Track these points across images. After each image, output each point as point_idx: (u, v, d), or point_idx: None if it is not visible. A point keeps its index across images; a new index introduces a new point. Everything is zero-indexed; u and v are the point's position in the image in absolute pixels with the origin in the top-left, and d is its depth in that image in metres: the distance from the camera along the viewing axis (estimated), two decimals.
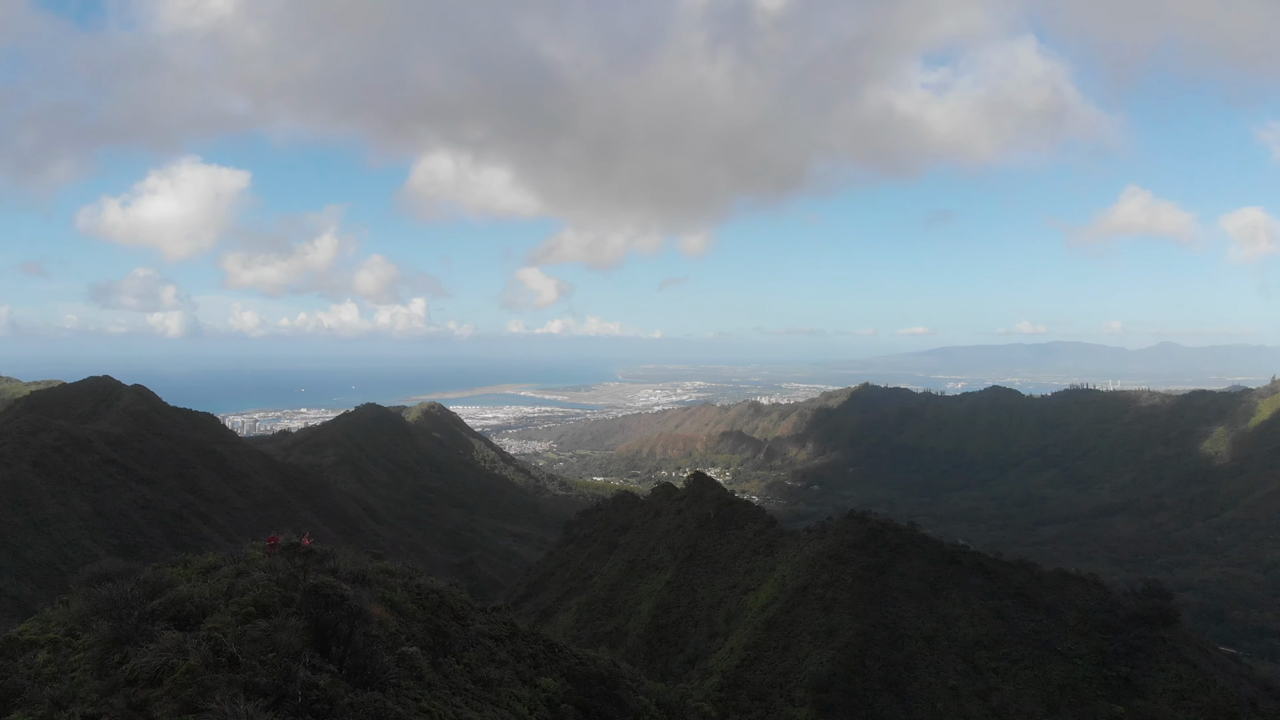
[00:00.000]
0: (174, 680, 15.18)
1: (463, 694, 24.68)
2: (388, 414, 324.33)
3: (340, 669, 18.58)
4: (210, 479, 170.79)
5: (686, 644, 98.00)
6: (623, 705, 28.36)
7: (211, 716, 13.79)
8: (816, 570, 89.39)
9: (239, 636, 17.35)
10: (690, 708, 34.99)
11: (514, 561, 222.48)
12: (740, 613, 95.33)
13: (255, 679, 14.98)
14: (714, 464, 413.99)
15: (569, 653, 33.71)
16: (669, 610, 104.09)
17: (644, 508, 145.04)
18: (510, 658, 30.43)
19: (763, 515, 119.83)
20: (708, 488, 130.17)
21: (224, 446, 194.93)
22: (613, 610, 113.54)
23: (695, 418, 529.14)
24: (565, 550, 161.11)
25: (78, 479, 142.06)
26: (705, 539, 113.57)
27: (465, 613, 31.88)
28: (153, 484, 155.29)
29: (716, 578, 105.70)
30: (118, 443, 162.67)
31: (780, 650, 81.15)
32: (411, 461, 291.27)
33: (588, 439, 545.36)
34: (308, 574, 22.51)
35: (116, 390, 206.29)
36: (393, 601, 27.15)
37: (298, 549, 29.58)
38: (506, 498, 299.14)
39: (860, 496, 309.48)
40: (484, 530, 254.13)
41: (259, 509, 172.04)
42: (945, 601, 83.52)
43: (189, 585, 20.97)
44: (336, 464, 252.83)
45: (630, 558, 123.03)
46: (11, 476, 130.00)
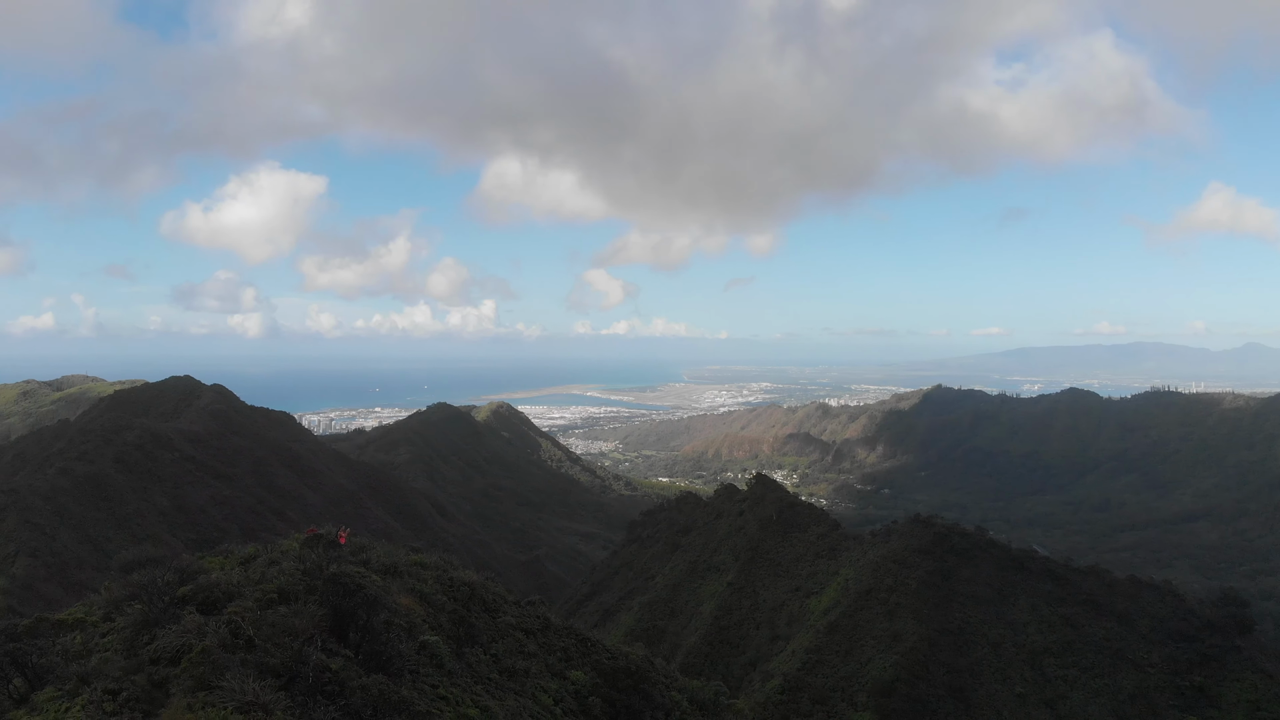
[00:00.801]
0: (190, 659, 16.51)
1: (485, 683, 25.82)
2: (458, 413, 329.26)
3: (356, 654, 19.69)
4: (286, 476, 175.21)
5: (748, 646, 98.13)
6: (649, 699, 28.87)
7: (222, 693, 14.98)
8: (880, 574, 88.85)
9: (257, 620, 18.72)
10: (724, 705, 35.32)
11: (580, 560, 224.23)
12: (802, 616, 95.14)
13: (268, 660, 16.23)
14: (781, 466, 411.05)
15: (601, 648, 34.38)
16: (730, 612, 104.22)
17: (706, 509, 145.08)
18: (540, 650, 31.31)
19: (826, 518, 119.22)
20: (770, 490, 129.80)
21: (299, 444, 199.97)
22: (674, 611, 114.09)
23: (762, 419, 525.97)
24: (629, 550, 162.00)
25: (158, 475, 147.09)
26: (767, 541, 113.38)
27: (497, 605, 32.90)
28: (230, 480, 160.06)
29: (779, 580, 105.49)
30: (197, 440, 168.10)
31: (842, 654, 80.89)
32: (481, 460, 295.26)
33: (653, 439, 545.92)
34: (330, 564, 23.69)
35: (197, 390, 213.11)
36: (422, 592, 28.25)
37: (321, 539, 30.78)
38: (573, 497, 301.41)
39: (932, 501, 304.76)
40: (551, 529, 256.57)
41: (333, 505, 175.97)
42: (1013, 607, 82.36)
43: (220, 572, 22.49)
44: (409, 462, 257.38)
45: (692, 559, 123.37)
46: (95, 473, 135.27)
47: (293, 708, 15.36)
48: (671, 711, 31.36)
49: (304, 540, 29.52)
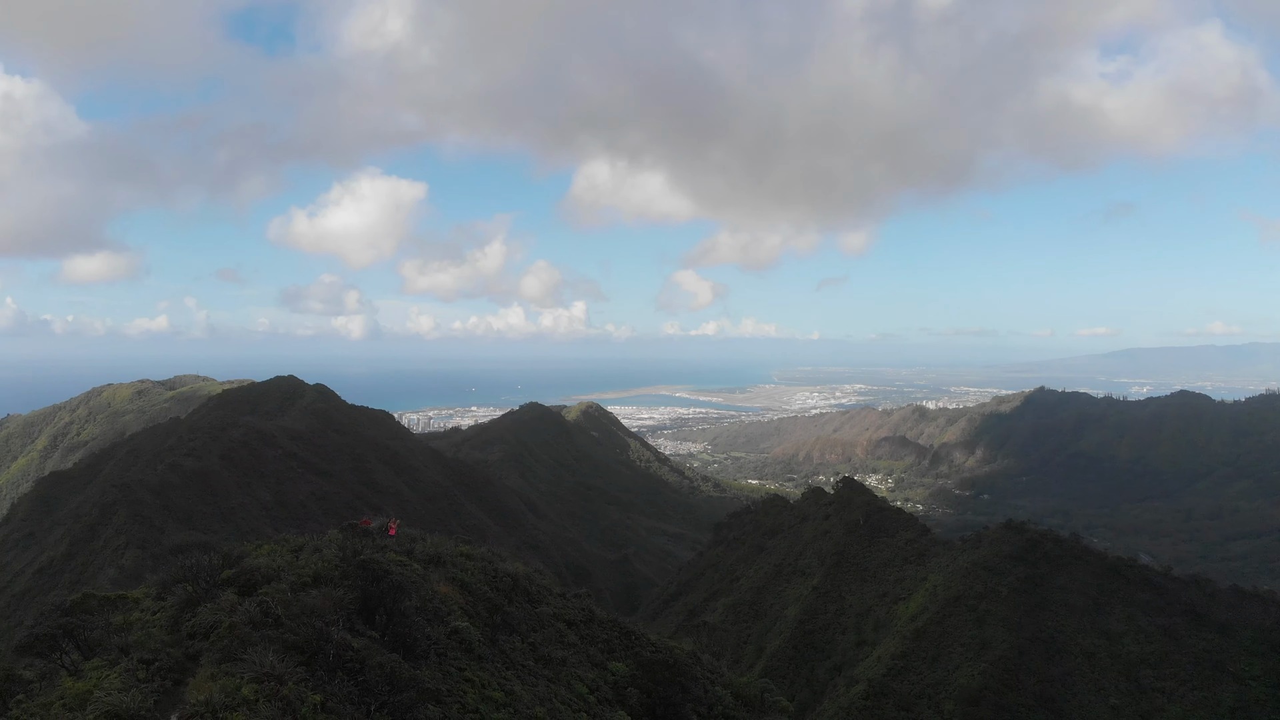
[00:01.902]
0: (218, 634, 17.67)
1: (517, 669, 26.11)
2: (549, 413, 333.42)
3: (382, 636, 20.65)
4: (383, 473, 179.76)
5: (833, 651, 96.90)
6: (687, 692, 28.80)
7: (242, 665, 16.01)
8: (970, 581, 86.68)
9: (287, 602, 19.80)
10: (769, 702, 34.93)
11: (668, 560, 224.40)
12: (889, 622, 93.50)
13: (292, 637, 17.18)
14: (875, 470, 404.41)
15: (645, 641, 34.40)
16: (815, 616, 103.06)
17: (792, 512, 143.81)
18: (581, 641, 31.58)
19: (914, 523, 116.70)
20: (857, 493, 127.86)
21: (397, 442, 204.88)
22: (759, 613, 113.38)
23: (855, 422, 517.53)
24: (715, 551, 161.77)
25: (261, 471, 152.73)
26: (854, 546, 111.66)
27: (540, 596, 33.38)
28: (329, 476, 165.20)
29: (865, 585, 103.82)
30: (299, 438, 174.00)
31: (929, 661, 79.23)
32: (571, 459, 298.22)
33: (742, 441, 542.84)
34: (362, 551, 24.68)
35: (300, 389, 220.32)
36: (463, 581, 28.91)
37: (355, 528, 31.71)
38: (661, 497, 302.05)
39: (1033, 507, 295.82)
40: (639, 528, 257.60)
41: (428, 502, 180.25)
42: (1108, 617, 79.40)
43: (265, 558, 23.69)
44: (502, 460, 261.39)
45: (777, 562, 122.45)
46: (202, 468, 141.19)
47: (309, 680, 16.23)
48: (714, 706, 31.30)
49: (344, 529, 30.58)
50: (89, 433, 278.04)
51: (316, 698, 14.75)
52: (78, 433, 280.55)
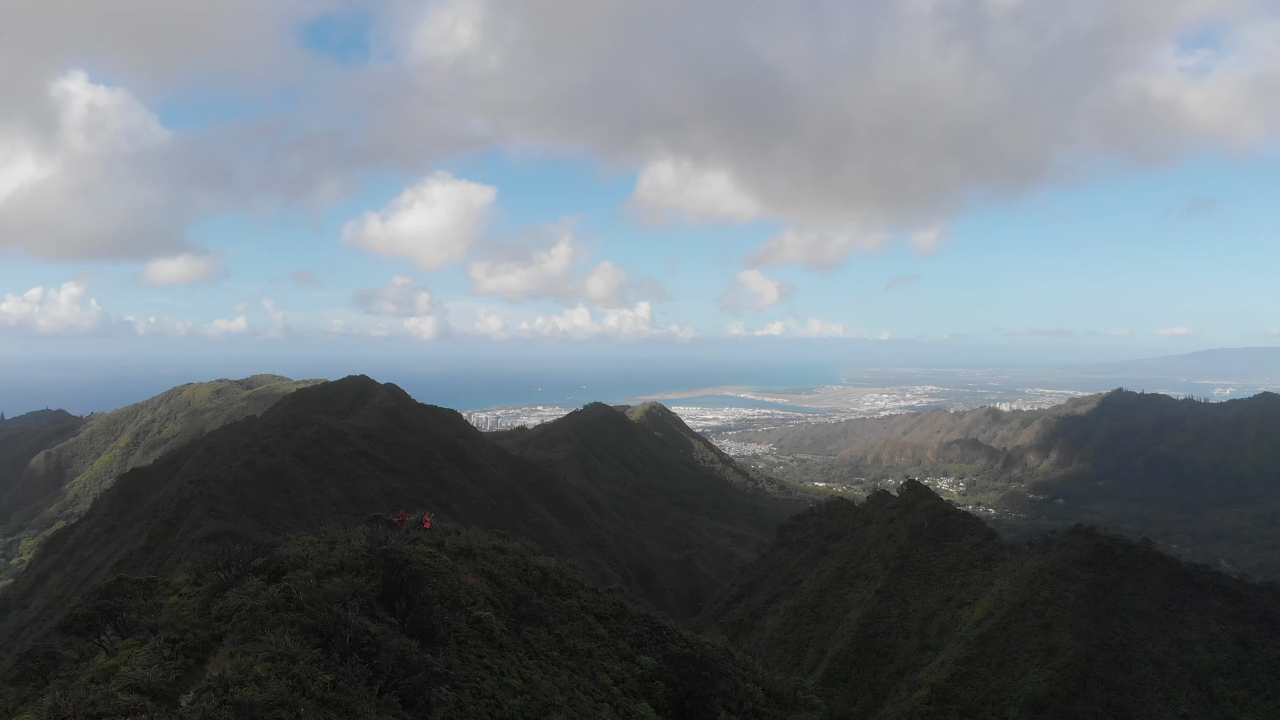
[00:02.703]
0: (239, 616, 18.49)
1: (541, 659, 26.40)
2: (613, 413, 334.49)
3: (401, 622, 21.33)
4: (451, 470, 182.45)
5: (896, 655, 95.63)
6: (713, 686, 28.68)
7: (260, 645, 16.71)
8: (1037, 586, 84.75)
9: (309, 588, 20.54)
10: (800, 699, 34.54)
11: (732, 561, 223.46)
12: (953, 627, 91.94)
13: (311, 621, 17.83)
14: (946, 473, 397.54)
15: (676, 635, 34.36)
16: (878, 620, 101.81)
17: (856, 515, 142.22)
18: (610, 634, 31.70)
19: (981, 527, 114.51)
20: (921, 497, 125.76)
21: (464, 440, 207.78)
22: (820, 617, 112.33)
23: (925, 424, 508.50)
24: (778, 554, 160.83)
25: (333, 468, 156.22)
26: (918, 549, 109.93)
27: (571, 590, 33.69)
28: (399, 474, 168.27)
29: (929, 589, 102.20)
30: (370, 436, 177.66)
31: (994, 667, 77.71)
32: (634, 459, 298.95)
33: (808, 443, 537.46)
34: (384, 541, 25.39)
35: (372, 388, 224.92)
36: (492, 574, 29.32)
37: (383, 520, 32.39)
38: (725, 499, 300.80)
39: (1110, 512, 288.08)
40: (703, 529, 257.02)
41: (494, 499, 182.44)
42: (1180, 624, 76.94)
43: (296, 547, 24.53)
44: (566, 459, 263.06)
45: (840, 565, 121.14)
46: (275, 465, 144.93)
47: (323, 660, 16.82)
48: (744, 701, 31.16)
49: (370, 520, 31.35)
50: (169, 430, 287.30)
51: (328, 677, 15.29)
52: (159, 430, 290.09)
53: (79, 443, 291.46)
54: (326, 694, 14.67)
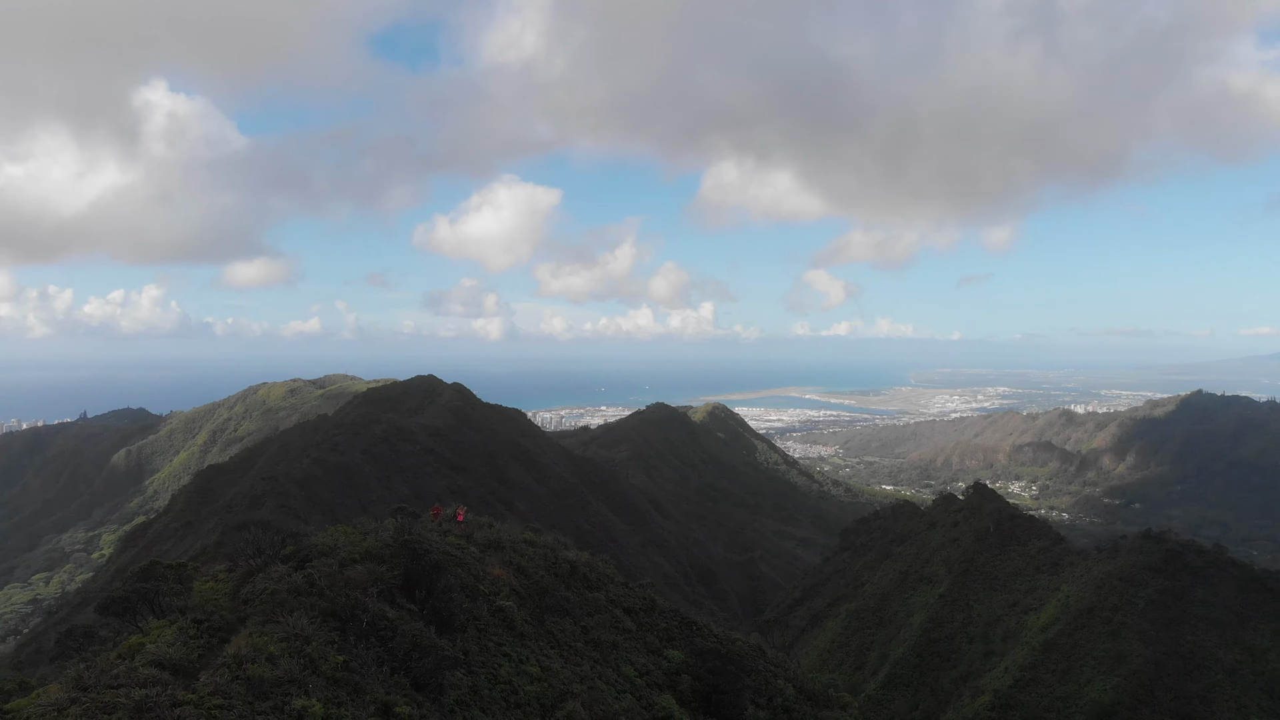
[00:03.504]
0: (261, 599, 19.31)
1: (563, 649, 26.73)
2: (675, 413, 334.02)
3: (421, 609, 22.04)
4: (515, 469, 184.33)
5: (959, 660, 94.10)
6: (739, 681, 28.56)
7: (277, 626, 17.53)
8: (1104, 592, 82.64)
9: (332, 575, 21.44)
10: (832, 697, 34.16)
11: (796, 564, 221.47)
12: (1018, 632, 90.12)
13: (330, 605, 18.39)
14: (1018, 477, 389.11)
15: (707, 631, 34.31)
16: (941, 625, 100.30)
17: (921, 518, 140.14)
18: (638, 628, 31.78)
19: (1048, 531, 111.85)
20: (987, 500, 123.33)
21: (528, 439, 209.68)
22: (882, 620, 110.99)
23: (997, 426, 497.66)
24: (841, 557, 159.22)
25: (400, 466, 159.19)
26: (983, 554, 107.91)
27: (600, 584, 33.91)
28: (464, 472, 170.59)
29: (994, 594, 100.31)
30: (436, 434, 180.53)
31: (1059, 674, 76.05)
32: (697, 460, 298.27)
33: (876, 445, 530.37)
34: (406, 532, 26.04)
35: (439, 388, 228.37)
36: (519, 566, 29.71)
37: (412, 514, 33.07)
38: (790, 501, 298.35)
39: (1188, 517, 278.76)
40: (766, 531, 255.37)
41: (556, 498, 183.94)
42: (1253, 632, 74.24)
43: (328, 538, 25.31)
44: (628, 459, 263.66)
45: (903, 568, 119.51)
46: (344, 463, 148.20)
47: (338, 642, 17.64)
48: (774, 698, 31.00)
49: (395, 512, 32.13)
50: (245, 428, 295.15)
51: (339, 658, 15.99)
52: (235, 428, 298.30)
53: (158, 440, 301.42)
54: (337, 673, 15.36)
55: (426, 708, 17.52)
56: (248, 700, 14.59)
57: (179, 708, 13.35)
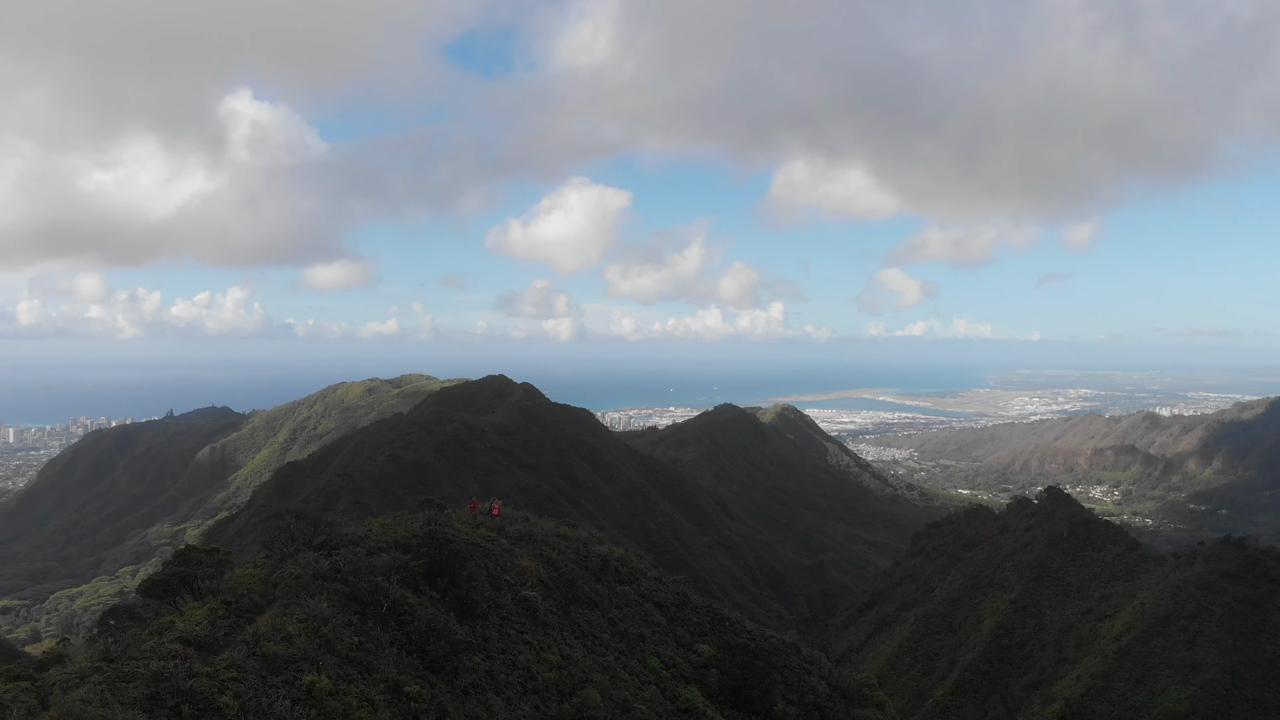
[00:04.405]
0: (287, 583, 20.23)
1: (588, 639, 27.20)
2: (743, 414, 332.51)
3: (443, 597, 22.81)
4: (582, 468, 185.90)
5: (1030, 667, 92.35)
6: (766, 676, 28.47)
7: (298, 608, 18.40)
8: (1181, 599, 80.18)
9: (357, 561, 22.32)
10: (867, 696, 33.75)
11: (868, 569, 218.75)
12: (1092, 640, 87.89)
13: (352, 590, 19.15)
14: (1100, 481, 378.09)
15: (741, 627, 34.23)
16: (1012, 631, 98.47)
17: (994, 523, 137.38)
18: (668, 622, 31.92)
19: (1124, 537, 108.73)
20: (1061, 504, 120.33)
21: (595, 439, 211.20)
22: (952, 626, 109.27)
23: (1078, 429, 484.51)
24: (912, 561, 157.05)
25: (470, 463, 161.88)
26: (1056, 559, 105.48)
27: (632, 578, 34.08)
28: (532, 470, 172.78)
29: (1067, 601, 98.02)
30: (506, 433, 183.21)
31: (1133, 682, 74.11)
32: (766, 461, 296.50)
33: (952, 449, 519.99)
34: (430, 523, 26.79)
35: (509, 387, 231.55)
36: (549, 558, 30.17)
37: (440, 506, 33.87)
38: (861, 504, 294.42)
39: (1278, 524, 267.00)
40: (837, 535, 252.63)
41: (623, 497, 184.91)
42: None
43: (355, 527, 26.22)
44: (696, 460, 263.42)
45: (973, 573, 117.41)
46: (417, 460, 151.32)
47: (356, 625, 18.52)
48: (806, 694, 30.85)
49: (422, 504, 33.01)
50: (324, 426, 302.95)
51: (355, 639, 16.68)
52: (315, 426, 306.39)
53: (241, 438, 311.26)
54: (352, 653, 16.10)
55: (439, 689, 18.19)
56: (261, 674, 15.40)
57: (194, 679, 14.34)
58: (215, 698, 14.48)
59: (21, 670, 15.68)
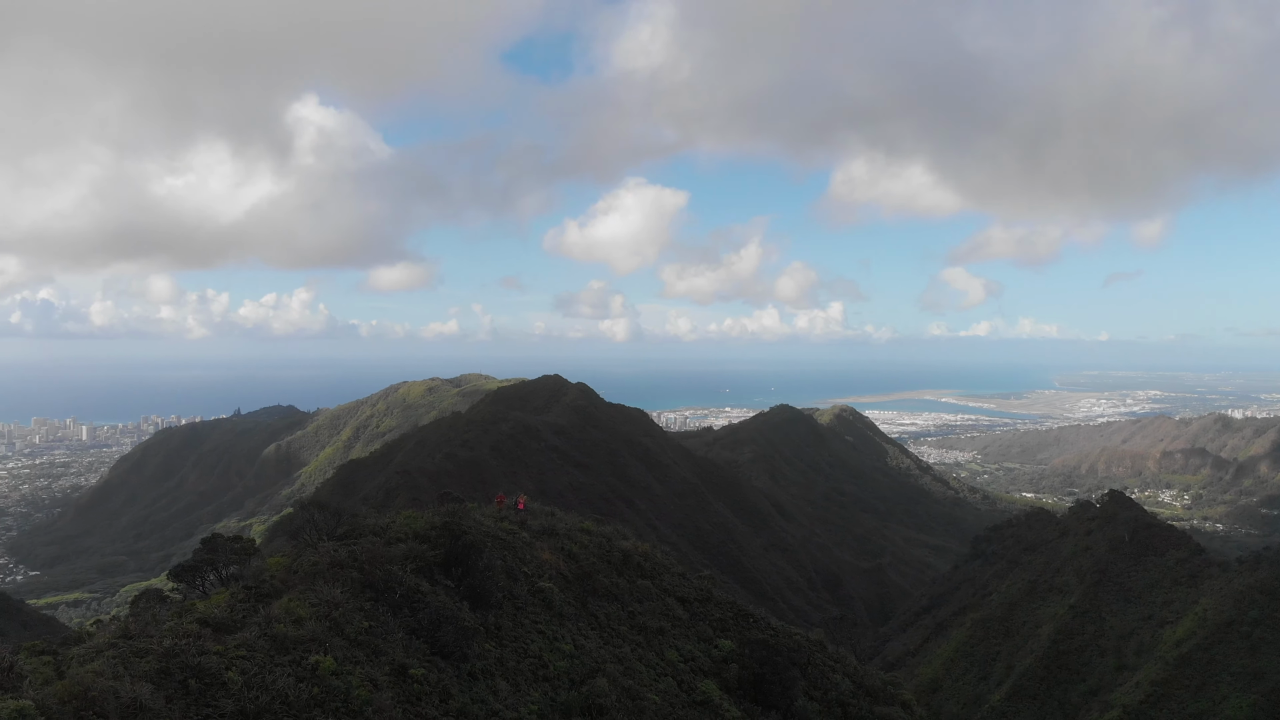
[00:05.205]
0: (304, 569, 21.17)
1: (603, 630, 27.45)
2: (800, 415, 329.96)
3: (457, 586, 23.57)
4: (636, 468, 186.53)
5: (1089, 674, 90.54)
6: (785, 672, 28.44)
7: (312, 594, 19.19)
8: (1244, 605, 78.04)
9: (375, 551, 23.09)
10: (892, 694, 33.49)
11: (928, 572, 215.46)
12: (1153, 646, 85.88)
13: (365, 577, 20.05)
14: (1169, 485, 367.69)
15: (764, 624, 34.23)
16: (1071, 637, 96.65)
17: (1054, 526, 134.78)
18: (690, 617, 32.08)
19: (1187, 541, 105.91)
20: (1123, 508, 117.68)
21: (649, 439, 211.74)
22: (1009, 631, 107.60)
23: (1147, 432, 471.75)
24: (971, 565, 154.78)
25: (526, 462, 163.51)
26: (1117, 564, 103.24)
27: (655, 573, 34.34)
28: (586, 469, 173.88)
29: (1128, 607, 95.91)
30: (560, 432, 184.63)
31: (1193, 690, 72.36)
32: (823, 463, 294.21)
33: (1016, 451, 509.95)
34: (446, 515, 27.48)
35: (564, 387, 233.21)
36: (571, 552, 30.58)
37: (457, 499, 34.53)
38: (921, 507, 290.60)
39: None
40: (896, 538, 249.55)
41: (676, 498, 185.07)
42: None
43: (378, 518, 27.03)
44: (751, 461, 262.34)
45: (1031, 578, 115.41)
46: (474, 458, 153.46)
47: (368, 610, 19.34)
48: (829, 691, 30.84)
49: (440, 497, 33.74)
50: (386, 425, 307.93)
51: (365, 623, 17.41)
52: (377, 424, 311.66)
53: (306, 435, 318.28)
54: (360, 636, 16.84)
55: (445, 672, 18.81)
56: (269, 654, 16.21)
57: (203, 656, 15.23)
58: (221, 673, 15.29)
59: (47, 645, 16.82)
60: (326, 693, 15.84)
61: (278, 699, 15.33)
